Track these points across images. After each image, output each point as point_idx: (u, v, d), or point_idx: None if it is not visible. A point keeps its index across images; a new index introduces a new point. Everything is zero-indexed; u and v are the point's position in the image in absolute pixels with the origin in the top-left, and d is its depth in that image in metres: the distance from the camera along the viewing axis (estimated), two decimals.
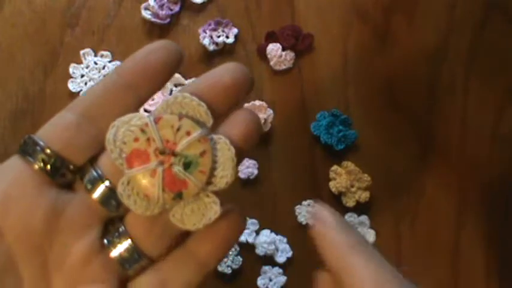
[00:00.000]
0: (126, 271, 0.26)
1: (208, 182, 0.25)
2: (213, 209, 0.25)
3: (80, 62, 0.46)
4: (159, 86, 0.26)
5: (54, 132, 0.26)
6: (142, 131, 0.25)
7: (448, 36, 0.48)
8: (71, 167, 0.26)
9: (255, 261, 0.43)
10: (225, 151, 0.25)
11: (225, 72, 0.26)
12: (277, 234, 0.43)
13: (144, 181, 0.24)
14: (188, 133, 0.24)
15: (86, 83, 0.46)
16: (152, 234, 0.26)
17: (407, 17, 0.48)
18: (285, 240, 0.43)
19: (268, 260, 0.43)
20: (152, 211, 0.25)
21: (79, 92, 0.46)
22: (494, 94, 0.47)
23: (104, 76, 0.28)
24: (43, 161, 0.25)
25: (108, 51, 0.46)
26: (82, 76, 0.46)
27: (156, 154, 0.24)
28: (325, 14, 0.48)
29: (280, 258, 0.43)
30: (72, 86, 0.46)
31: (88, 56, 0.46)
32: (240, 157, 0.25)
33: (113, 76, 0.26)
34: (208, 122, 0.25)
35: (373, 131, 0.46)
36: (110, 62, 0.46)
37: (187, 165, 0.24)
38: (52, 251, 0.25)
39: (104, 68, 0.46)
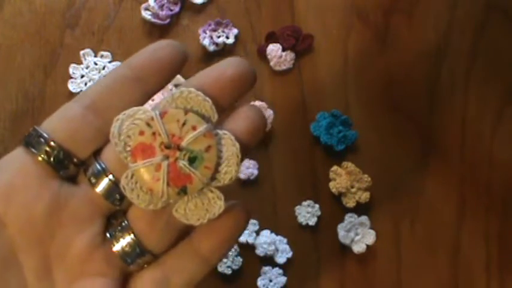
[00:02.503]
0: (128, 266, 0.26)
1: (213, 178, 0.25)
2: (217, 204, 0.25)
3: (79, 63, 0.46)
4: (165, 81, 0.26)
5: (59, 124, 0.26)
6: (148, 124, 0.24)
7: (448, 36, 0.48)
8: (75, 159, 0.26)
9: (255, 261, 0.43)
10: (230, 147, 0.25)
11: (227, 66, 0.26)
12: (277, 234, 0.43)
13: (149, 175, 0.24)
14: (194, 128, 0.24)
15: (85, 84, 0.46)
16: (155, 229, 0.26)
17: (407, 17, 0.48)
18: (285, 240, 0.43)
19: (268, 260, 0.43)
20: (156, 205, 0.25)
21: (79, 92, 0.46)
22: (494, 94, 0.47)
23: (112, 70, 0.27)
24: (47, 153, 0.25)
25: (108, 51, 0.46)
26: (82, 76, 0.46)
27: (161, 148, 0.24)
28: (325, 15, 0.48)
29: (280, 259, 0.43)
30: (72, 86, 0.46)
31: (88, 57, 0.46)
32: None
33: (120, 69, 0.26)
34: (213, 117, 0.25)
35: (373, 132, 0.46)
36: (110, 62, 0.46)
37: (192, 160, 0.24)
38: (54, 243, 0.25)
39: (103, 68, 0.46)
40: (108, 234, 0.26)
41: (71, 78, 0.46)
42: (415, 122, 0.46)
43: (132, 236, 0.25)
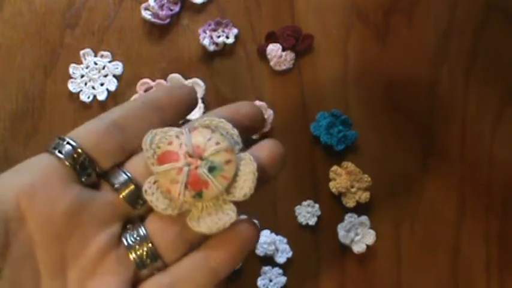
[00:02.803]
0: (139, 270, 0.27)
1: (228, 192, 0.26)
2: (229, 215, 0.26)
3: (79, 63, 0.46)
4: (181, 116, 0.30)
5: (86, 134, 0.28)
6: (177, 137, 0.27)
7: (448, 36, 0.48)
8: (97, 168, 0.28)
9: (255, 261, 0.43)
10: (248, 165, 0.26)
11: (241, 106, 0.30)
12: (277, 234, 0.43)
13: (170, 177, 0.26)
14: (217, 143, 0.26)
15: (85, 83, 0.46)
16: (169, 238, 0.27)
17: (407, 18, 0.48)
18: (285, 240, 0.43)
19: (268, 260, 0.43)
20: (173, 210, 0.26)
21: (79, 92, 0.46)
22: (494, 94, 0.47)
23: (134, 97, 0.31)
24: (73, 159, 0.27)
25: (108, 51, 0.46)
26: (82, 76, 0.46)
27: (185, 156, 0.26)
28: (326, 15, 0.48)
29: (280, 259, 0.43)
30: (72, 86, 0.46)
31: (88, 56, 0.46)
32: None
33: (142, 97, 0.30)
34: (238, 144, 0.27)
35: (373, 132, 0.46)
36: (110, 62, 0.46)
37: (211, 169, 0.26)
38: (71, 242, 0.26)
39: (103, 68, 0.46)
40: (125, 242, 0.27)
41: (71, 78, 0.46)
42: (415, 121, 0.46)
43: (150, 245, 0.27)
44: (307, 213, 0.44)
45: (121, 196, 0.28)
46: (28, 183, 0.26)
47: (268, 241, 0.43)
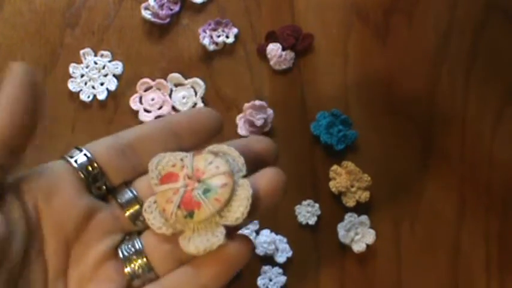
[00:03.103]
0: (132, 280, 0.28)
1: (221, 215, 0.27)
2: (218, 237, 0.26)
3: (79, 62, 0.46)
4: (200, 142, 0.30)
5: (100, 150, 0.29)
6: (181, 160, 0.28)
7: (448, 36, 0.48)
8: (107, 183, 0.29)
9: (255, 261, 0.43)
10: (244, 190, 0.27)
11: (255, 141, 0.30)
12: (277, 234, 0.43)
13: (166, 197, 0.27)
14: (217, 167, 0.27)
15: (85, 83, 0.46)
16: (163, 256, 0.28)
17: (407, 17, 0.48)
18: (285, 240, 0.43)
19: (268, 259, 0.43)
20: (167, 229, 0.27)
21: (79, 91, 0.46)
22: (494, 94, 0.47)
23: (157, 118, 0.32)
24: (87, 171, 0.28)
25: (108, 51, 0.46)
26: (82, 76, 0.46)
27: (184, 178, 0.27)
28: (325, 14, 0.48)
29: (280, 258, 0.43)
30: (72, 85, 0.46)
31: (88, 56, 0.46)
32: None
33: (162, 121, 0.30)
34: (241, 171, 0.28)
35: (373, 131, 0.46)
36: (109, 61, 0.46)
37: (206, 191, 0.27)
38: (75, 247, 0.28)
39: (103, 67, 0.46)
40: (121, 253, 0.28)
41: (71, 77, 0.46)
42: (415, 121, 0.46)
43: (144, 260, 0.28)
44: (307, 212, 0.44)
45: (125, 214, 0.29)
46: (47, 184, 0.27)
47: (268, 240, 0.42)
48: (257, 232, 0.43)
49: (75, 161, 0.28)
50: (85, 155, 0.28)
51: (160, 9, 0.47)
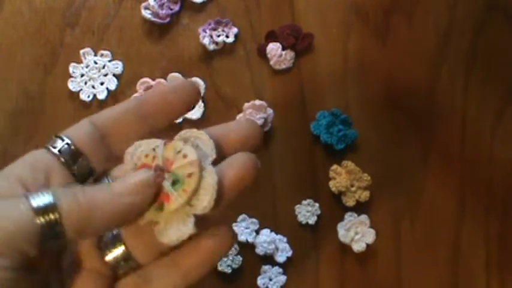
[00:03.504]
0: (117, 270, 0.28)
1: (191, 205, 0.27)
2: (188, 227, 0.26)
3: (79, 62, 0.46)
4: (173, 120, 0.30)
5: (80, 136, 0.29)
6: (154, 150, 0.28)
7: (448, 36, 0.48)
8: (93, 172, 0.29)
9: (255, 260, 0.43)
10: (208, 178, 0.26)
11: (236, 126, 0.30)
12: (277, 233, 0.43)
13: None
14: (185, 156, 0.27)
15: (85, 82, 0.46)
16: (143, 247, 0.28)
17: (407, 17, 0.48)
18: (285, 239, 0.43)
19: (268, 259, 0.43)
20: (140, 221, 0.27)
21: (79, 91, 0.46)
22: (494, 94, 0.47)
23: (125, 101, 0.31)
24: (70, 156, 0.28)
25: (108, 50, 0.46)
26: (82, 75, 0.46)
27: (156, 169, 0.27)
28: (325, 14, 0.48)
29: (280, 258, 0.43)
30: (72, 85, 0.46)
31: (88, 56, 0.46)
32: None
33: (132, 104, 0.29)
34: (211, 156, 0.27)
35: (373, 131, 0.46)
36: (109, 61, 0.46)
37: (174, 182, 0.27)
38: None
39: (103, 67, 0.46)
40: (102, 243, 0.28)
41: (71, 77, 0.46)
42: (415, 121, 0.46)
43: (123, 247, 0.28)
44: (307, 212, 0.44)
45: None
46: (29, 174, 0.27)
47: (268, 240, 0.42)
48: (257, 232, 0.43)
49: (54, 148, 0.28)
50: (62, 140, 0.28)
51: (160, 8, 0.47)
